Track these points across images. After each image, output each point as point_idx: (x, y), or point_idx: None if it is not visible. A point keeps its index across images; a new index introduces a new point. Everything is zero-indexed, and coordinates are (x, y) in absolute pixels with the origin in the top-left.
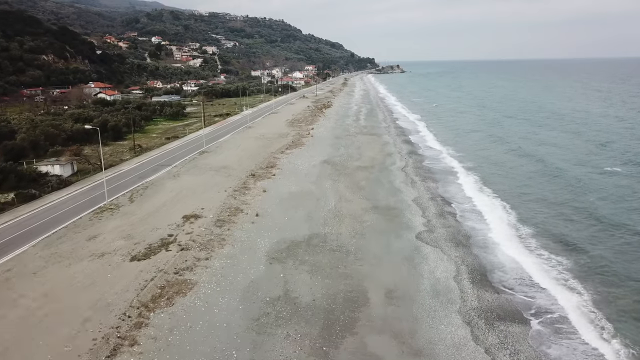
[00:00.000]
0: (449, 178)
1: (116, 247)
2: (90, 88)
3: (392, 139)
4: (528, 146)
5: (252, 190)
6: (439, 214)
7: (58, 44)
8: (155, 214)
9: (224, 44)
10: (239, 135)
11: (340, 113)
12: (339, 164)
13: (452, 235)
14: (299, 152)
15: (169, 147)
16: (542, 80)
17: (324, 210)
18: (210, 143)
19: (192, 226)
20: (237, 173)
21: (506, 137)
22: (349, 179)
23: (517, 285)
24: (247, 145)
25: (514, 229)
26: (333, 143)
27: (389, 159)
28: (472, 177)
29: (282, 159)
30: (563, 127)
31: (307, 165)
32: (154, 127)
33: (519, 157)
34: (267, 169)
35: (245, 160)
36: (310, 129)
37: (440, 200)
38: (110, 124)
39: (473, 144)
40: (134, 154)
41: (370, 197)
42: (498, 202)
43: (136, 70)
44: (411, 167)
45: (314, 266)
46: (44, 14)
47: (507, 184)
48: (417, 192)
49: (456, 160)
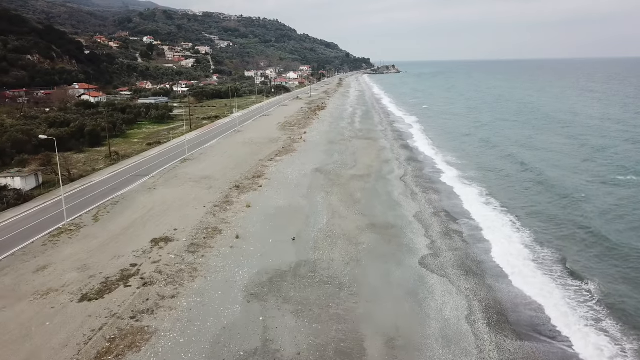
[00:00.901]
0: (451, 189)
1: (66, 281)
2: (75, 89)
3: (389, 144)
4: (527, 154)
5: (235, 206)
6: (444, 233)
7: (44, 44)
8: (120, 237)
9: (218, 44)
10: (226, 140)
11: (335, 115)
12: (332, 172)
13: (461, 261)
14: (290, 160)
15: (149, 154)
16: (539, 81)
17: (314, 229)
18: (194, 149)
19: (161, 252)
20: (219, 184)
21: (501, 142)
22: (343, 190)
23: (543, 328)
24: (234, 152)
25: (530, 251)
26: (327, 149)
27: (387, 167)
28: (476, 188)
29: (271, 167)
30: (560, 131)
31: (298, 174)
32: (137, 132)
33: (518, 166)
34: (254, 179)
35: (230, 170)
36: (303, 133)
37: (445, 215)
38: (87, 129)
39: (471, 150)
40: (109, 163)
41: (367, 212)
42: (507, 218)
43: (126, 70)
44: (411, 175)
45: (301, 305)
46: (35, 13)
47: (513, 196)
48: (418, 206)
49: (455, 168)
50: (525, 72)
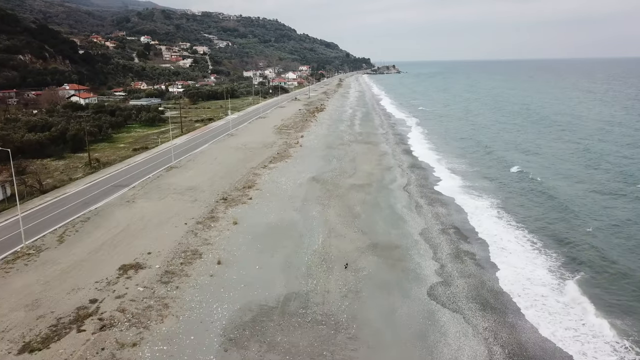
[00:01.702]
0: (459, 200)
1: (9, 324)
2: (65, 90)
3: (390, 149)
4: (530, 161)
5: (220, 222)
6: (455, 256)
7: (36, 43)
8: (84, 264)
9: (217, 44)
10: (218, 145)
11: (334, 117)
12: (330, 181)
13: (476, 291)
14: (285, 167)
15: (133, 161)
16: (539, 82)
17: (308, 251)
18: (183, 155)
19: (128, 283)
20: (205, 197)
21: (504, 147)
22: (342, 202)
23: None
24: (225, 159)
25: (554, 277)
26: (324, 154)
27: (389, 175)
28: (485, 200)
29: (264, 175)
30: (562, 136)
31: (293, 183)
32: (126, 135)
33: (523, 174)
34: (244, 190)
35: (219, 179)
36: (300, 136)
37: (454, 233)
38: (69, 133)
39: (475, 157)
40: (88, 171)
41: (367, 229)
42: (522, 236)
43: (121, 70)
44: (414, 185)
45: (289, 354)
46: (32, 12)
47: (524, 210)
48: (424, 222)
49: (460, 176)
50: (525, 72)
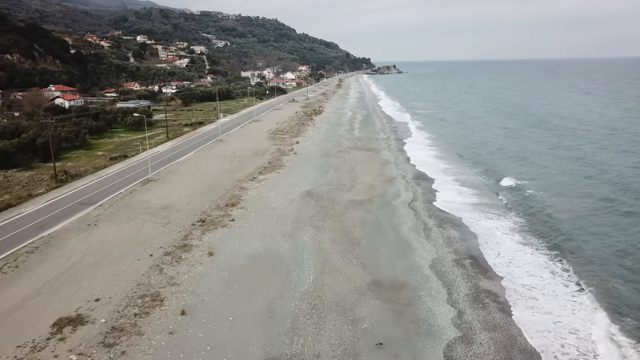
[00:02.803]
0: (471, 221)
1: None
2: (51, 91)
3: (393, 156)
4: (538, 170)
5: (193, 253)
6: (474, 298)
7: (25, 43)
8: (10, 318)
9: (215, 44)
10: (205, 153)
11: (333, 121)
12: (325, 196)
13: (506, 352)
14: (276, 179)
15: (107, 173)
16: (539, 82)
17: (295, 294)
18: (163, 166)
19: (60, 349)
20: (181, 218)
21: (513, 153)
22: (338, 223)
23: None
24: (209, 169)
25: (614, 323)
26: (321, 163)
27: (392, 188)
28: (502, 220)
29: (251, 190)
30: (565, 143)
31: (283, 200)
32: (107, 141)
33: (534, 186)
34: (226, 209)
35: (200, 196)
36: (295, 143)
37: (470, 264)
38: (40, 140)
39: (483, 166)
40: (53, 185)
41: (368, 260)
42: (554, 265)
43: (115, 71)
44: (421, 201)
45: None
46: (28, 12)
47: (549, 232)
48: (434, 249)
49: (470, 189)
50: (524, 72)
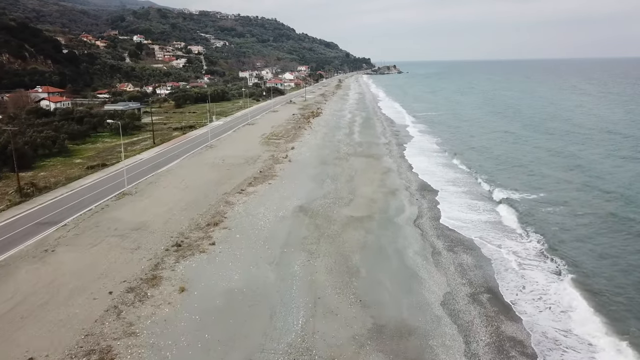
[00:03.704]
0: (486, 243)
1: None
2: (38, 93)
3: (395, 163)
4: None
5: (162, 288)
6: (497, 348)
7: (15, 42)
8: None
9: (213, 44)
10: (192, 160)
11: (331, 124)
12: (321, 212)
13: None
14: (266, 191)
15: (80, 185)
16: (540, 83)
17: (280, 345)
18: (143, 176)
19: None
20: (153, 241)
21: (525, 161)
22: (335, 247)
23: None
24: (194, 180)
25: None
26: (317, 172)
27: (395, 201)
28: (520, 243)
29: (238, 205)
30: (569, 152)
31: (273, 217)
32: (90, 147)
33: (557, 203)
34: (207, 229)
35: (179, 212)
36: (290, 148)
37: (488, 300)
38: (9, 148)
39: (492, 176)
40: (16, 200)
41: (369, 296)
42: (581, 301)
43: (109, 71)
44: (427, 217)
45: None
46: (25, 11)
47: (583, 260)
48: (445, 280)
49: (482, 201)
50: (524, 72)
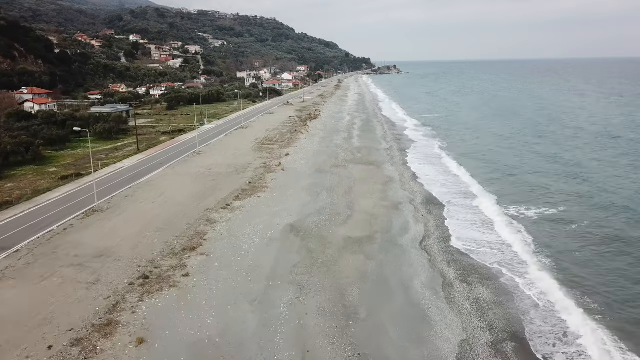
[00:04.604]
0: (503, 269)
1: None
2: (23, 94)
3: (397, 172)
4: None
5: (115, 340)
6: None
7: (4, 41)
8: None
9: (212, 43)
10: (176, 169)
11: (329, 127)
12: (314, 232)
13: None
14: (254, 206)
15: (47, 199)
16: (541, 84)
17: None
18: (120, 188)
19: None
20: (117, 272)
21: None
22: (329, 278)
23: None
24: (175, 193)
25: None
26: (312, 183)
27: (398, 217)
28: (538, 271)
29: (220, 224)
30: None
31: (259, 239)
32: (69, 153)
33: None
34: (183, 255)
35: (152, 233)
36: (284, 155)
37: (514, 351)
38: None
39: (502, 185)
40: None
41: (370, 349)
42: None
43: (102, 71)
44: (435, 238)
45: None
46: (21, 10)
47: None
48: (461, 323)
49: (492, 217)
50: (523, 73)
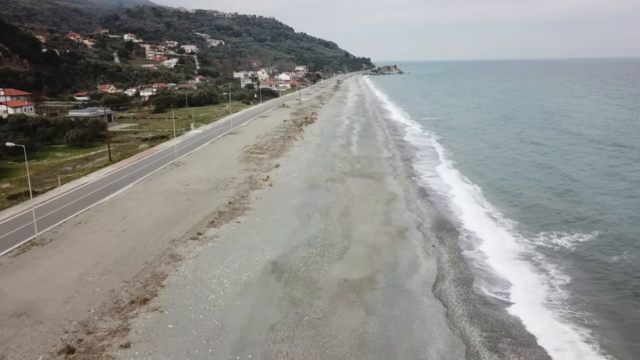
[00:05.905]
0: (543, 329)
1: None
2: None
3: (401, 186)
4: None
5: None
6: None
7: None
8: None
9: (209, 43)
10: (147, 185)
11: (326, 132)
12: (302, 273)
13: None
14: (231, 236)
15: None
16: (542, 84)
17: None
18: (72, 213)
19: None
20: (31, 343)
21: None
22: (317, 347)
23: None
24: (140, 218)
25: None
26: (302, 202)
27: (404, 250)
28: (596, 332)
29: (186, 262)
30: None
31: (231, 285)
32: (34, 164)
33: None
34: (129, 311)
35: (98, 277)
36: (274, 166)
37: None
38: None
39: (529, 213)
40: None
41: None
42: None
43: (92, 71)
44: (452, 280)
45: None
46: (15, 9)
47: None
48: None
49: (517, 246)
50: (523, 73)
